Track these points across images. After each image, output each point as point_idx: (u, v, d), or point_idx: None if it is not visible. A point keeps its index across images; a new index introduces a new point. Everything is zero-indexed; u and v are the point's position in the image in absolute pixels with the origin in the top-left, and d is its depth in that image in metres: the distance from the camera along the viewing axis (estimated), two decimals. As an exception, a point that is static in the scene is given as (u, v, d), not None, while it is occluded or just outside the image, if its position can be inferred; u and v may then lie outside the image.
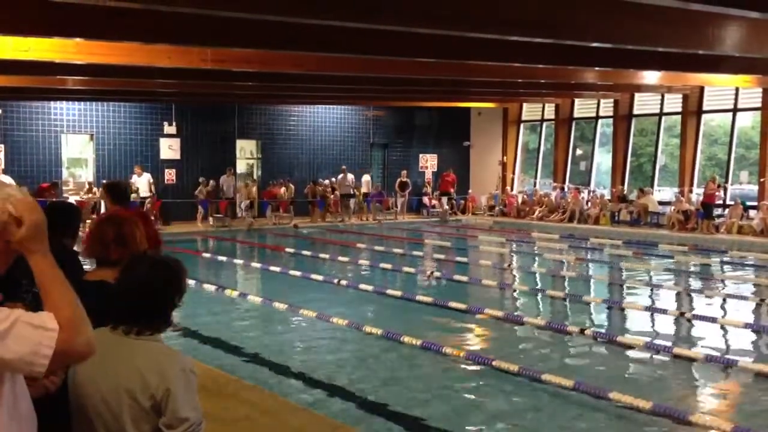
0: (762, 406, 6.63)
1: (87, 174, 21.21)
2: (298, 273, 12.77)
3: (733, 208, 19.40)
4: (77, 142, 21.45)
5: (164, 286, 2.51)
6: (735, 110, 21.15)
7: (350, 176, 24.15)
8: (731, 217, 19.21)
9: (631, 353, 8.06)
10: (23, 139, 19.79)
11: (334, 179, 23.92)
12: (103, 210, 19.93)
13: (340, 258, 15.09)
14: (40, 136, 20.04)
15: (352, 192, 24.09)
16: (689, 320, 9.72)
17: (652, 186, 22.45)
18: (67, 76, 13.60)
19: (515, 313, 9.95)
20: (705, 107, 21.60)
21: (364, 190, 24.50)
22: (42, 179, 19.53)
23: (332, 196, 23.38)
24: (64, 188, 20.14)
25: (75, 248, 3.92)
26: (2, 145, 19.42)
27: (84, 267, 3.83)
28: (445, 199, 25.44)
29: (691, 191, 21.12)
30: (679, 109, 21.81)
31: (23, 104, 19.62)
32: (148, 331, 2.47)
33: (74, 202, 16.09)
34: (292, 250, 16.37)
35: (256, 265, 14.39)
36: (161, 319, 2.52)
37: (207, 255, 15.58)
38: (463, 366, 7.44)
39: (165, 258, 2.65)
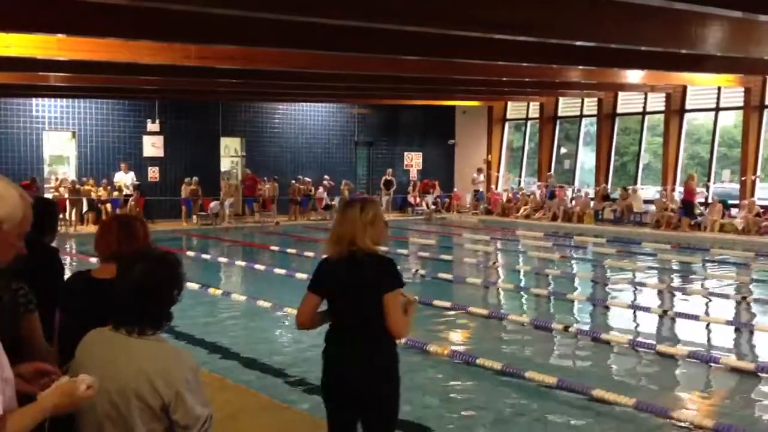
0: (743, 402, 6.68)
1: (69, 171, 21.04)
2: (282, 271, 12.73)
3: (713, 207, 19.56)
4: (59, 140, 21.27)
5: (163, 283, 2.45)
6: (717, 109, 21.32)
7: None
8: (712, 216, 19.36)
9: (614, 350, 8.11)
10: (4, 136, 19.60)
11: (326, 177, 23.93)
12: (85, 208, 19.86)
13: (325, 256, 15.02)
14: (21, 133, 19.85)
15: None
16: (672, 318, 9.79)
17: (635, 184, 22.56)
18: (49, 73, 13.48)
19: (499, 311, 9.97)
20: (688, 106, 21.75)
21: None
22: (23, 177, 19.34)
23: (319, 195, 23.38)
24: (45, 186, 19.97)
25: (54, 245, 3.87)
26: (-17, 142, 19.28)
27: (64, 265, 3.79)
28: (429, 198, 25.49)
29: (673, 190, 21.27)
30: (662, 108, 21.94)
31: (4, 101, 19.42)
32: (150, 330, 2.43)
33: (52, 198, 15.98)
34: (276, 248, 16.32)
35: (240, 263, 14.33)
36: (162, 317, 2.47)
37: (191, 253, 15.50)
38: (446, 364, 7.44)
39: (161, 253, 2.56)
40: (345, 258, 3.43)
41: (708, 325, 9.52)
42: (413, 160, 27.42)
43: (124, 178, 20.81)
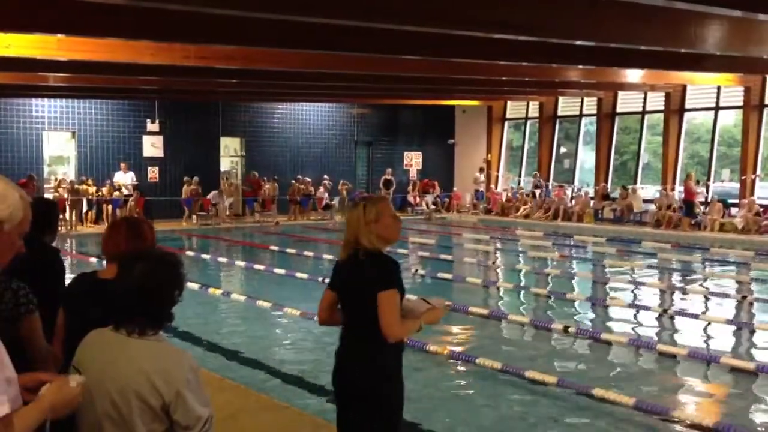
0: (743, 401, 6.68)
1: (69, 171, 21.03)
2: (282, 271, 12.74)
3: (713, 206, 19.58)
4: (59, 140, 21.26)
5: (164, 283, 2.45)
6: (717, 108, 21.32)
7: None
8: (712, 215, 19.37)
9: (614, 350, 8.11)
10: (4, 137, 19.60)
11: (327, 177, 23.92)
12: (85, 208, 19.86)
13: (325, 256, 15.06)
14: (21, 134, 19.85)
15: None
16: (672, 317, 9.79)
17: (635, 183, 22.57)
18: (48, 73, 13.47)
19: (499, 311, 9.97)
20: (687, 105, 21.75)
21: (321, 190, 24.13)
22: (23, 177, 19.35)
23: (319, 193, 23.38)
24: (45, 186, 19.97)
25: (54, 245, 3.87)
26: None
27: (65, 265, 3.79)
28: (429, 198, 25.49)
29: (673, 189, 21.27)
30: (662, 108, 21.95)
31: (4, 101, 19.41)
32: (151, 330, 2.42)
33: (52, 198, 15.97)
34: (276, 248, 16.33)
35: (239, 263, 14.33)
36: (163, 317, 2.46)
37: (190, 253, 15.50)
38: (446, 363, 7.44)
39: (162, 253, 2.57)
40: (350, 258, 3.46)
41: (708, 325, 9.52)
42: (413, 160, 27.42)
43: (124, 178, 20.81)
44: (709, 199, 20.36)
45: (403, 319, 3.41)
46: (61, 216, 17.51)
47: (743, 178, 20.02)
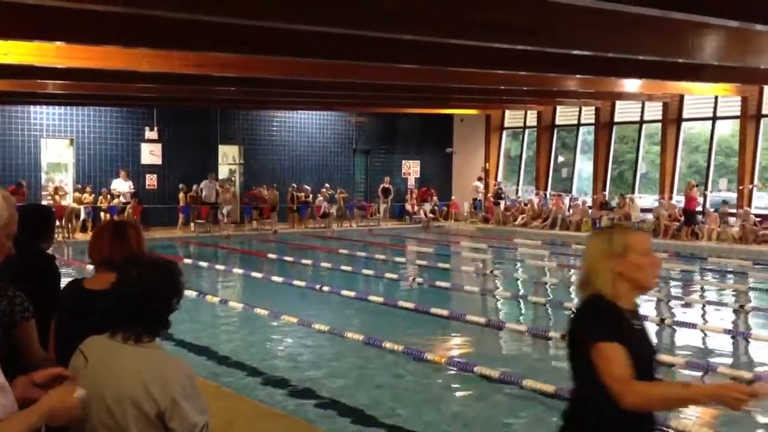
0: (741, 412, 6.65)
1: (67, 179, 21.02)
2: (279, 279, 12.72)
3: (710, 215, 19.61)
4: (57, 147, 21.25)
5: (162, 290, 2.43)
6: (714, 118, 21.37)
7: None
8: (709, 225, 19.40)
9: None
10: (2, 144, 19.59)
11: (327, 185, 23.91)
12: (83, 216, 19.82)
13: (323, 264, 15.04)
14: (19, 141, 19.84)
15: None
16: (670, 326, 9.78)
17: (633, 193, 22.59)
18: (47, 80, 13.48)
19: (497, 319, 9.95)
20: (685, 115, 21.80)
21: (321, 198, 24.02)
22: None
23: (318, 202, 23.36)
24: (43, 193, 19.94)
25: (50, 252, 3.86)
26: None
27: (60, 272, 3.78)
28: (427, 206, 25.50)
29: (671, 198, 21.29)
30: (660, 117, 22.00)
31: (2, 108, 19.41)
32: (147, 337, 2.40)
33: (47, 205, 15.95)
34: (274, 256, 16.31)
35: (237, 270, 14.31)
36: (159, 324, 2.44)
37: (188, 261, 15.47)
38: (444, 372, 7.42)
39: (160, 259, 2.55)
40: None
41: (705, 334, 9.51)
42: (411, 168, 27.45)
43: (123, 186, 20.78)
44: (706, 208, 20.37)
45: (656, 382, 2.72)
46: (57, 223, 17.47)
47: (741, 187, 20.06)
